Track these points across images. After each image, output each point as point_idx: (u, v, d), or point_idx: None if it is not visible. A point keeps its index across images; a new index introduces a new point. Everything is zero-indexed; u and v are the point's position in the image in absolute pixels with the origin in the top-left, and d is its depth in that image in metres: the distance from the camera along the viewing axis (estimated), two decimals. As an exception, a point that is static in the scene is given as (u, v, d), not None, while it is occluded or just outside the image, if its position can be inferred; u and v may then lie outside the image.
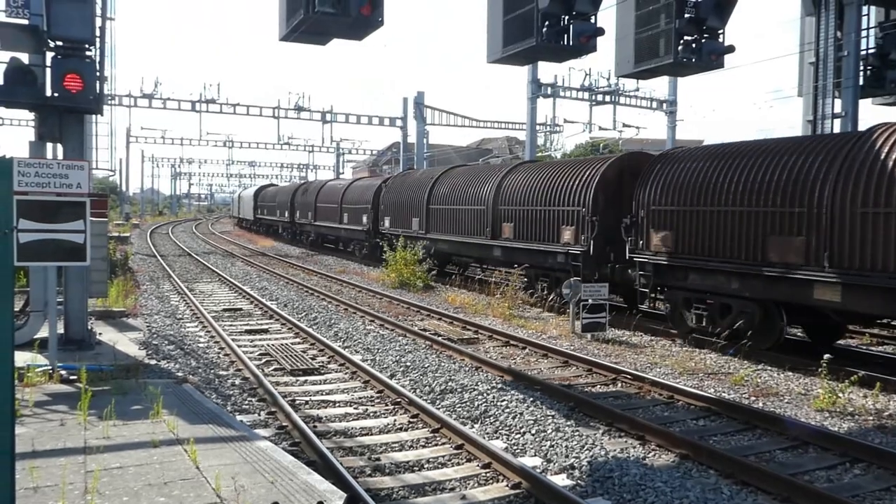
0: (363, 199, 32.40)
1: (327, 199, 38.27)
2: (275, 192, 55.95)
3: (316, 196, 40.53)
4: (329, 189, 39.32)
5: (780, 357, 12.56)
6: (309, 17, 10.69)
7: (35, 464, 6.29)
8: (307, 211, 42.05)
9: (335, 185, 39.75)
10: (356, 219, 33.09)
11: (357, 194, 33.75)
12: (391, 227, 28.41)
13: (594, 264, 16.82)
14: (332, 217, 36.84)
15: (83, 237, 9.32)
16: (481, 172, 24.12)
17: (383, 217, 29.54)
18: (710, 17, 14.70)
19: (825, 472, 7.53)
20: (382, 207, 29.70)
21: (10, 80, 10.50)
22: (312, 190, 42.56)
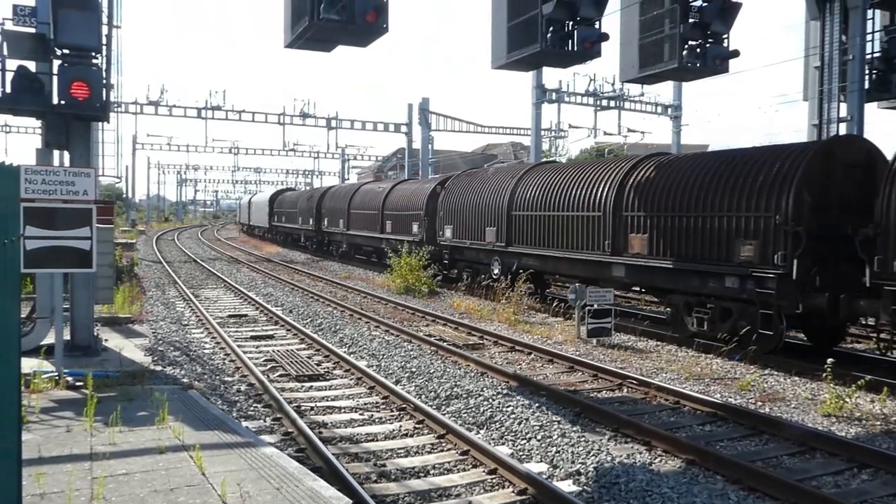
0: (413, 204, 27.94)
1: (364, 204, 33.69)
2: (295, 198, 50.05)
3: (349, 201, 35.64)
4: (366, 193, 34.41)
5: (786, 362, 12.51)
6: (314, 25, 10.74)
7: (41, 470, 6.30)
8: (338, 218, 37.19)
9: (373, 188, 34.66)
10: (403, 227, 28.44)
11: (404, 199, 29.19)
12: (455, 237, 23.78)
13: (797, 292, 12.32)
14: (371, 225, 32.21)
15: (89, 244, 9.35)
16: (591, 168, 18.42)
17: (442, 226, 24.81)
18: (714, 22, 14.71)
19: (832, 478, 7.49)
20: (441, 214, 24.91)
21: (17, 88, 10.57)
22: (344, 194, 37.61)
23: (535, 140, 37.21)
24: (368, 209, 32.87)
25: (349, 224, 35.44)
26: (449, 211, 24.52)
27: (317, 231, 41.75)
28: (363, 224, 33.54)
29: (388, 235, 30.03)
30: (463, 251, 22.94)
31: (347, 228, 35.53)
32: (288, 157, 71.15)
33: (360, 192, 35.44)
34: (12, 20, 10.82)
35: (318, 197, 42.05)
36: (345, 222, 36.02)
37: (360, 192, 35.57)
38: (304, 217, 44.66)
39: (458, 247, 23.47)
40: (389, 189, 31.46)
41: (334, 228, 38.03)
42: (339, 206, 37.39)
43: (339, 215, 37.04)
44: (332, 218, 38.60)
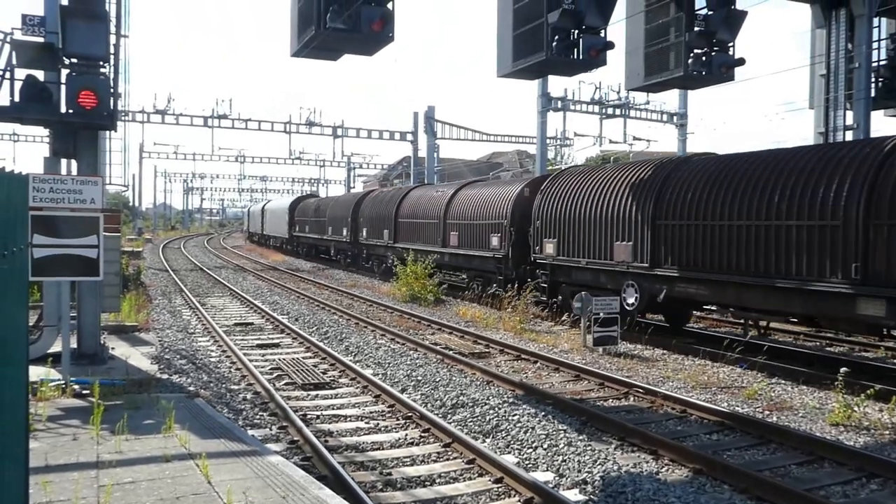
0: (491, 211, 22.34)
1: (418, 211, 28.17)
2: (323, 205, 44.06)
3: (396, 208, 30.17)
4: (420, 199, 28.79)
5: (794, 370, 12.46)
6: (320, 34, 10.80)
7: (48, 478, 6.31)
8: (380, 228, 31.61)
9: (428, 193, 29.10)
10: (476, 240, 22.97)
11: (478, 205, 23.47)
12: (561, 254, 18.33)
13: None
14: (429, 237, 26.64)
15: (96, 252, 9.39)
16: (785, 158, 13.01)
17: (540, 239, 19.26)
18: (719, 31, 14.75)
19: (841, 488, 7.45)
20: (539, 225, 19.30)
21: (25, 97, 10.63)
22: (388, 200, 32.06)
23: (540, 148, 37.26)
24: (424, 218, 27.29)
25: (396, 235, 29.93)
26: (551, 220, 18.84)
27: (352, 243, 35.92)
28: (416, 235, 27.91)
29: (454, 250, 24.51)
30: (572, 272, 17.84)
31: (394, 240, 29.91)
32: (294, 165, 71.62)
33: (412, 197, 29.87)
34: (21, 30, 10.90)
35: (353, 203, 36.20)
36: (390, 233, 30.45)
37: (410, 197, 30.02)
38: (335, 226, 38.93)
39: (564, 266, 18.14)
40: (453, 193, 25.90)
41: (376, 240, 32.25)
42: (381, 214, 31.82)
43: (383, 225, 31.51)
44: (373, 228, 32.83)
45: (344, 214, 37.26)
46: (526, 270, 20.06)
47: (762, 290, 12.77)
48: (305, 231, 46.32)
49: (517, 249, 20.66)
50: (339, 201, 40.98)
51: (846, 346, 15.66)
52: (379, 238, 31.82)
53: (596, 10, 13.13)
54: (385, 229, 31.06)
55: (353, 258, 36.33)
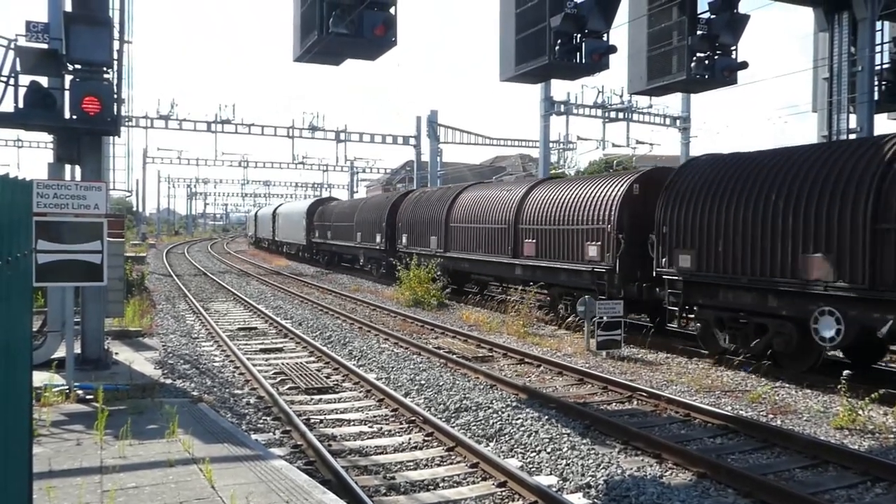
0: (585, 214, 17.93)
1: (477, 214, 23.63)
2: (350, 208, 39.02)
3: (447, 211, 25.63)
4: (479, 200, 24.16)
5: (798, 374, 12.43)
6: (323, 39, 10.80)
7: (52, 483, 6.32)
8: (426, 235, 27.21)
9: (493, 192, 23.90)
10: (565, 249, 18.57)
11: (561, 207, 19.05)
12: (705, 269, 14.05)
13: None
14: (494, 245, 22.12)
15: (100, 257, 9.41)
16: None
17: (669, 250, 14.85)
18: (722, 34, 14.73)
19: (846, 491, 7.42)
20: (666, 231, 14.98)
21: (29, 104, 10.67)
22: (437, 201, 27.25)
23: (543, 152, 37.25)
24: (486, 222, 22.84)
25: (447, 243, 25.49)
26: (686, 224, 14.49)
27: (388, 251, 31.15)
28: (476, 243, 23.44)
29: (530, 261, 20.12)
30: (719, 291, 13.73)
31: (444, 249, 25.53)
32: (297, 170, 71.43)
33: (467, 198, 25.29)
34: (25, 36, 10.95)
35: (389, 206, 32.00)
36: (439, 240, 25.99)
37: (465, 198, 25.42)
38: (365, 232, 34.34)
39: (707, 285, 14.05)
40: (526, 192, 21.32)
41: (420, 249, 27.44)
42: (427, 218, 27.30)
43: (429, 230, 26.98)
44: (416, 234, 28.29)
45: (376, 218, 32.91)
46: (641, 288, 16.13)
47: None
48: (327, 237, 41.61)
49: (627, 262, 16.49)
50: (369, 204, 36.31)
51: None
52: (423, 246, 27.17)
53: (598, 14, 13.12)
54: (432, 236, 26.49)
55: (387, 268, 30.32)
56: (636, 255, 16.32)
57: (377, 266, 33.60)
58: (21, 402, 4.07)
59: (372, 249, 33.49)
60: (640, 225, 16.39)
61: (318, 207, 45.76)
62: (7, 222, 3.48)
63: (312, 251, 45.83)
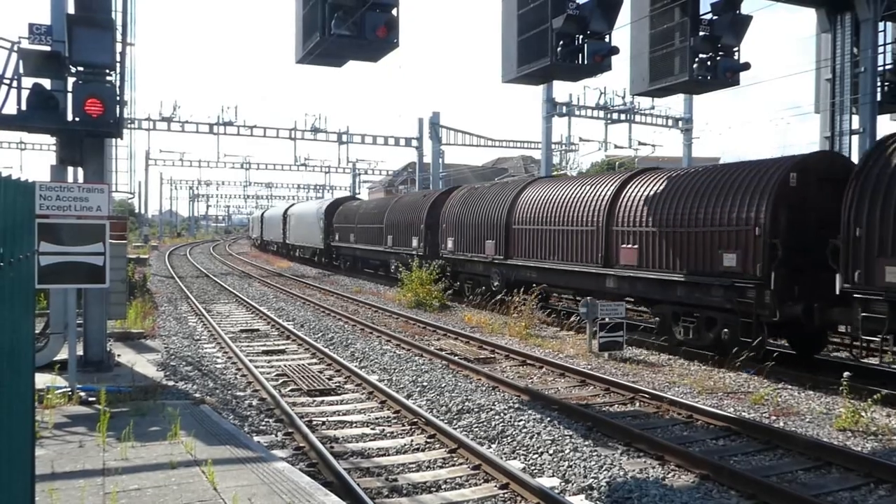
0: (715, 213, 14.03)
1: (549, 214, 19.62)
2: (378, 207, 34.91)
3: (509, 211, 21.74)
4: (551, 196, 19.96)
5: (800, 375, 12.42)
6: (325, 41, 10.83)
7: (54, 485, 6.32)
8: (482, 238, 23.05)
9: (567, 189, 19.55)
10: (688, 257, 14.58)
11: (672, 203, 15.16)
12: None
13: None
14: (576, 251, 18.23)
15: (103, 259, 9.42)
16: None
17: (869, 259, 11.62)
18: (724, 35, 14.75)
19: (849, 493, 7.40)
20: (859, 235, 11.74)
21: (32, 106, 10.69)
22: (494, 199, 23.25)
23: (545, 153, 37.26)
24: (565, 224, 18.86)
25: (507, 248, 21.73)
26: (890, 226, 11.29)
27: (428, 256, 26.85)
28: (549, 249, 19.56)
29: (631, 271, 16.14)
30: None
31: (504, 255, 21.82)
32: (299, 171, 71.41)
33: (534, 194, 21.09)
34: (28, 38, 10.97)
35: (428, 205, 28.09)
36: (497, 245, 22.19)
37: (531, 194, 21.27)
38: (399, 235, 30.56)
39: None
40: (620, 185, 17.23)
41: (472, 254, 23.86)
42: (480, 219, 23.44)
43: (483, 233, 23.13)
44: (466, 238, 24.39)
45: (413, 219, 29.05)
46: (810, 310, 12.59)
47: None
48: (349, 240, 37.47)
49: (783, 275, 12.85)
50: (403, 203, 32.17)
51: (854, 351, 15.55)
52: (477, 251, 23.42)
53: (600, 15, 13.14)
54: (488, 240, 22.63)
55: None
56: (795, 265, 12.91)
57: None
58: (23, 403, 4.07)
59: (407, 254, 28.19)
60: (800, 226, 13.09)
61: (338, 207, 41.78)
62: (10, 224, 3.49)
63: (331, 255, 42.02)
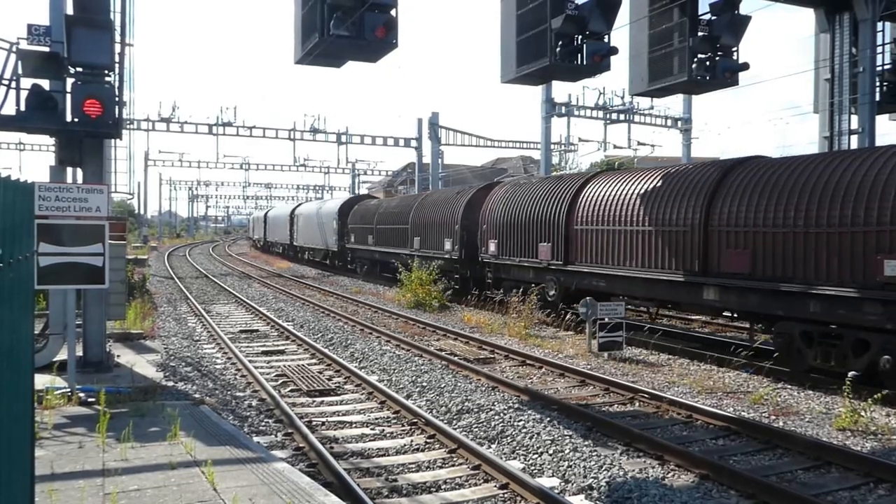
0: (871, 207, 11.11)
1: (620, 212, 16.49)
2: (402, 206, 31.46)
3: (567, 208, 18.42)
4: (620, 193, 16.81)
5: (800, 375, 12.41)
6: (324, 41, 10.83)
7: (54, 486, 6.31)
8: (534, 241, 19.76)
9: (646, 182, 16.25)
10: (838, 264, 11.51)
11: (810, 193, 12.13)
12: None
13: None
14: (658, 256, 15.21)
15: (102, 260, 9.42)
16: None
17: None
18: (723, 35, 14.75)
19: (848, 493, 7.41)
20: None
21: (31, 107, 10.68)
22: (548, 195, 19.69)
23: (544, 154, 37.26)
24: (645, 224, 15.64)
25: (567, 252, 18.31)
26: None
27: (463, 261, 24.25)
28: (624, 254, 16.27)
29: (741, 281, 13.16)
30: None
31: (564, 261, 18.37)
32: (298, 172, 71.40)
33: (600, 189, 17.74)
34: (27, 39, 10.97)
35: (464, 204, 24.61)
36: (555, 249, 18.73)
37: (596, 189, 17.91)
38: (428, 237, 27.19)
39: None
40: (724, 173, 14.25)
41: (521, 259, 20.47)
42: (531, 219, 20.00)
43: (536, 235, 19.72)
44: (514, 240, 20.96)
45: (446, 219, 25.74)
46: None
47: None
48: (367, 242, 34.44)
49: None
50: (432, 201, 28.50)
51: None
52: (526, 255, 20.25)
53: (599, 15, 13.13)
54: (544, 243, 19.29)
55: (462, 282, 24.58)
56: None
57: (447, 279, 25.19)
58: (23, 404, 4.07)
59: (438, 258, 25.45)
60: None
61: (354, 207, 38.76)
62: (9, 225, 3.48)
63: (346, 258, 38.51)
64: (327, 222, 41.73)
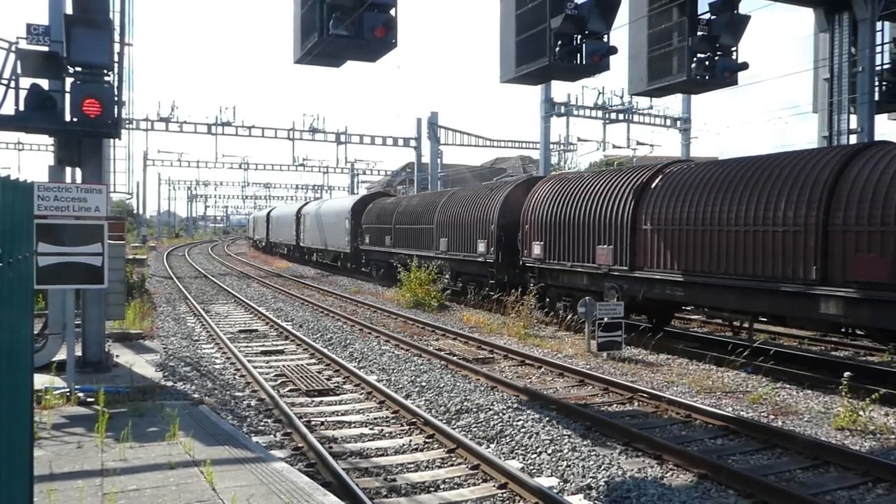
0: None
1: (706, 210, 13.99)
2: (425, 204, 28.63)
3: (633, 204, 16.00)
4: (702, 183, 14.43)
5: (799, 374, 12.43)
6: (323, 41, 10.81)
7: (53, 486, 6.31)
8: (590, 242, 17.28)
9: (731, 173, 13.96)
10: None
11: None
12: None
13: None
14: (755, 259, 12.93)
15: (101, 260, 9.41)
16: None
17: None
18: (722, 35, 14.73)
19: (847, 492, 7.41)
20: None
21: (30, 106, 10.67)
22: (603, 189, 17.31)
23: (544, 153, 37.26)
24: (744, 222, 13.24)
25: (634, 256, 15.83)
26: None
27: (500, 265, 21.65)
28: (710, 256, 13.92)
29: (877, 292, 11.05)
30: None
31: (630, 266, 15.86)
32: (297, 172, 71.40)
33: (674, 183, 15.26)
34: (26, 39, 10.95)
35: (501, 201, 21.97)
36: (619, 252, 16.20)
37: (667, 184, 15.47)
38: (457, 238, 24.50)
39: None
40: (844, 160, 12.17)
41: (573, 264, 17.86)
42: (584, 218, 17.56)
43: (592, 237, 17.17)
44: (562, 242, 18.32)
45: (479, 218, 22.99)
46: None
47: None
48: (384, 244, 31.91)
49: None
50: (461, 198, 25.71)
51: (851, 350, 15.61)
52: (580, 260, 17.57)
53: (599, 15, 13.12)
54: (603, 245, 16.62)
55: (499, 289, 21.55)
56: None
57: (477, 286, 23.37)
58: (22, 404, 4.06)
59: (470, 262, 23.68)
60: None
61: (368, 205, 36.28)
62: (8, 225, 3.48)
63: (359, 261, 36.15)
64: (339, 222, 39.06)
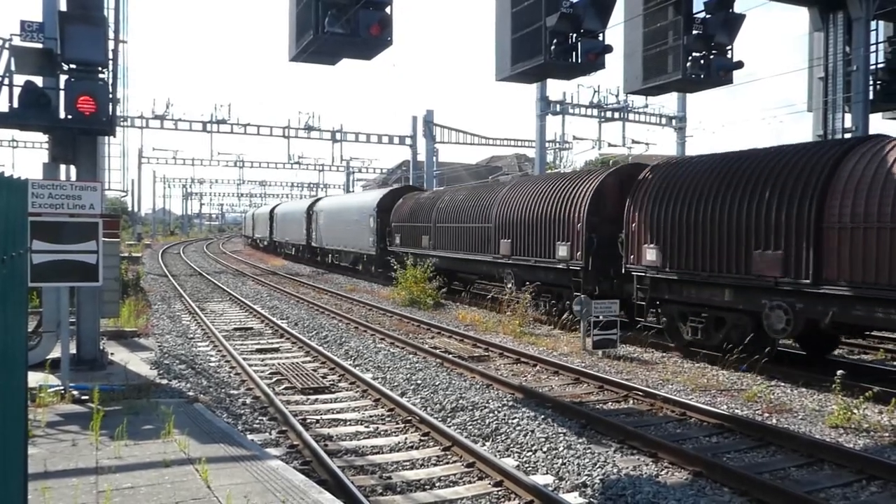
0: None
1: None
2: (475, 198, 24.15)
3: (819, 193, 11.55)
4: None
5: (793, 373, 12.46)
6: (318, 38, 10.80)
7: (47, 484, 6.30)
8: (735, 245, 13.02)
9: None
10: None
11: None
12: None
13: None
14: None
15: (96, 258, 9.39)
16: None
17: None
18: (718, 34, 14.75)
19: (841, 490, 7.44)
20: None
21: (24, 103, 10.64)
22: (757, 177, 12.89)
23: (539, 152, 37.30)
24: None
25: (819, 266, 11.58)
26: None
27: (592, 273, 17.29)
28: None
29: None
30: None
31: (813, 279, 11.60)
32: (293, 170, 71.25)
33: (876, 169, 11.03)
34: (20, 35, 10.91)
35: (589, 193, 17.63)
36: (791, 261, 12.00)
37: (868, 169, 11.15)
38: (521, 240, 20.23)
39: None
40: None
41: (708, 275, 13.60)
42: (733, 213, 13.13)
43: (741, 238, 12.97)
44: (686, 246, 14.19)
45: (557, 215, 18.61)
46: None
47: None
48: (420, 245, 27.50)
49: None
50: (527, 191, 20.96)
51: (845, 349, 15.65)
52: (722, 270, 13.35)
53: (594, 13, 13.12)
54: (762, 250, 12.56)
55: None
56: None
57: (554, 297, 19.23)
58: (16, 402, 4.05)
59: (544, 268, 19.20)
60: None
61: (398, 200, 31.47)
62: (2, 222, 3.47)
63: (387, 264, 29.41)
64: (362, 219, 34.02)
